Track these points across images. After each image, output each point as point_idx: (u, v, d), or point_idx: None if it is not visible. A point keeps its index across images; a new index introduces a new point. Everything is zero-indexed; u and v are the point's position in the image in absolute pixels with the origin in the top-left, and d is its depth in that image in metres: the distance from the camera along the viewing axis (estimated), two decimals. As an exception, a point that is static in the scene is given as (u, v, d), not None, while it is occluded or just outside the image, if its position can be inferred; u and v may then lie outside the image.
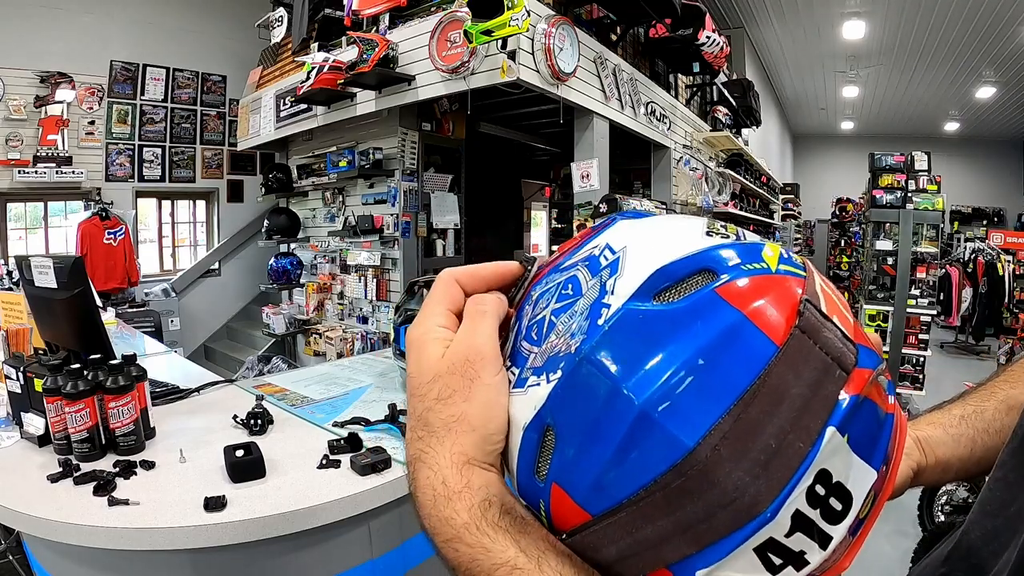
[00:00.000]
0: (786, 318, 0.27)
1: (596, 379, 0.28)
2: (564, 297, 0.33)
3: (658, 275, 0.29)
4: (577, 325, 0.30)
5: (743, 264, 0.29)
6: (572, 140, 4.18)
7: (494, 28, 3.10)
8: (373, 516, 1.15)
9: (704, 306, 0.27)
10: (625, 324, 0.28)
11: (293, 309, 5.65)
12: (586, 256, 0.34)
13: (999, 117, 10.87)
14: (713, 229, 0.32)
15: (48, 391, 1.17)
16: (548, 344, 0.31)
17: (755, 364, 0.26)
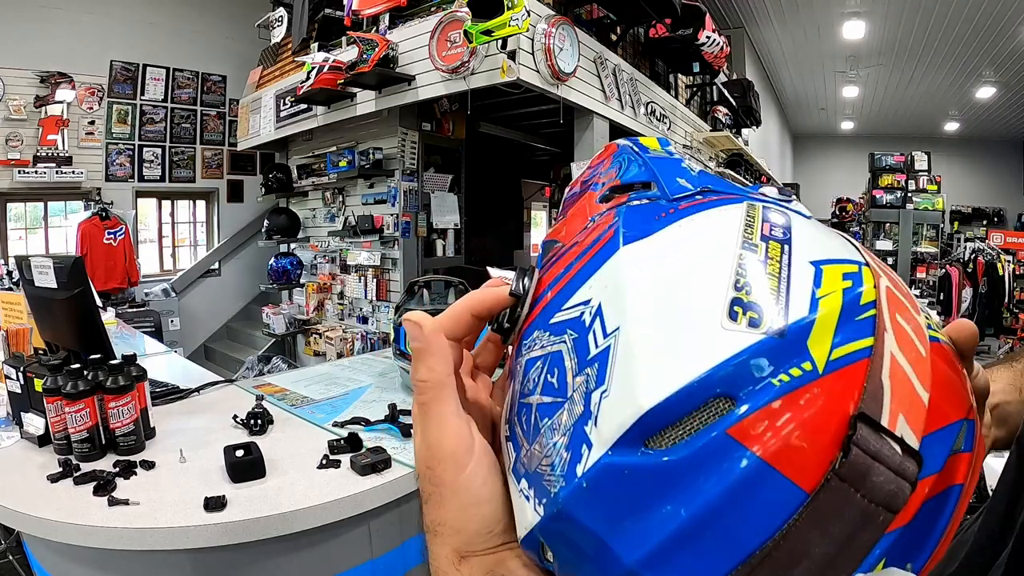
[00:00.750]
0: (825, 450, 0.20)
1: (578, 533, 0.23)
2: (549, 389, 0.26)
3: (647, 420, 0.21)
4: (557, 453, 0.24)
5: (775, 375, 0.21)
6: (572, 140, 4.18)
7: (494, 28, 3.10)
8: (373, 516, 1.15)
9: (711, 456, 0.20)
10: (606, 480, 0.22)
11: (293, 309, 5.65)
12: (574, 319, 0.26)
13: (999, 117, 10.87)
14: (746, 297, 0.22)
15: (48, 391, 1.17)
16: (534, 451, 0.26)
17: (772, 520, 0.20)
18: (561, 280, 0.29)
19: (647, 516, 0.21)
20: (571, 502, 0.23)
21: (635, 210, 0.29)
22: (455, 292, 1.69)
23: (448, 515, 0.30)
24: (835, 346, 0.21)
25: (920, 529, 0.22)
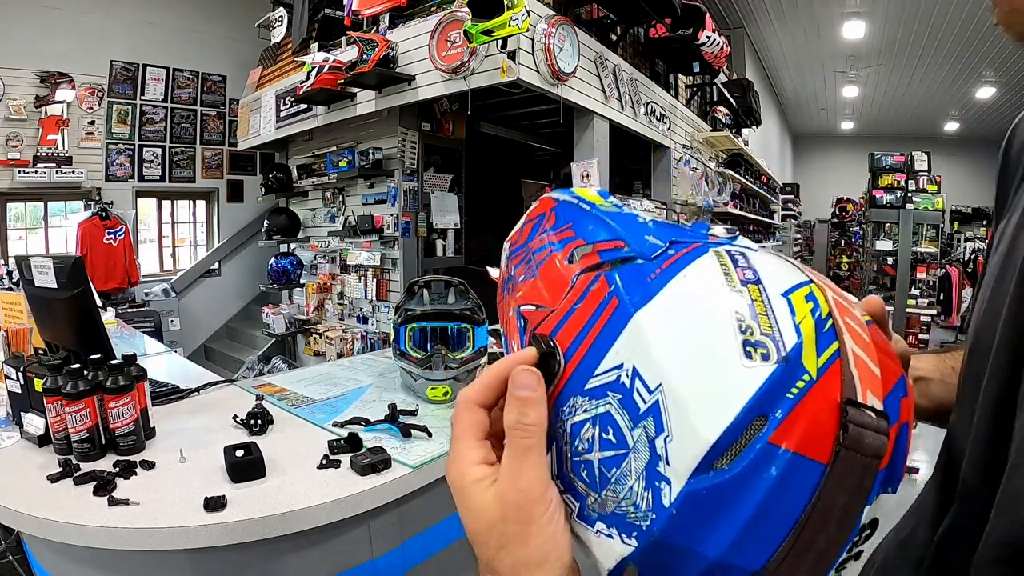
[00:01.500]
0: (831, 432, 0.29)
1: (673, 553, 0.30)
2: (607, 444, 0.32)
3: (714, 449, 0.28)
4: (637, 495, 0.31)
5: (790, 390, 0.29)
6: (572, 140, 4.18)
7: (494, 28, 3.10)
8: (373, 516, 1.15)
9: (761, 461, 0.28)
10: (691, 503, 0.29)
11: (293, 309, 5.65)
12: (612, 382, 0.32)
13: (999, 117, 10.87)
14: (752, 337, 0.29)
15: (48, 391, 1.17)
16: (607, 497, 0.32)
17: (807, 489, 0.28)
18: (579, 350, 0.34)
19: (724, 518, 0.28)
20: (666, 530, 0.29)
21: (626, 276, 0.34)
22: (455, 292, 1.69)
23: (533, 552, 0.33)
24: (819, 356, 0.29)
25: (893, 464, 0.31)
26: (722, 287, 0.31)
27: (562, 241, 0.42)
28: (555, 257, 0.41)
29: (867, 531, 0.32)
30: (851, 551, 0.32)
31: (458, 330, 1.63)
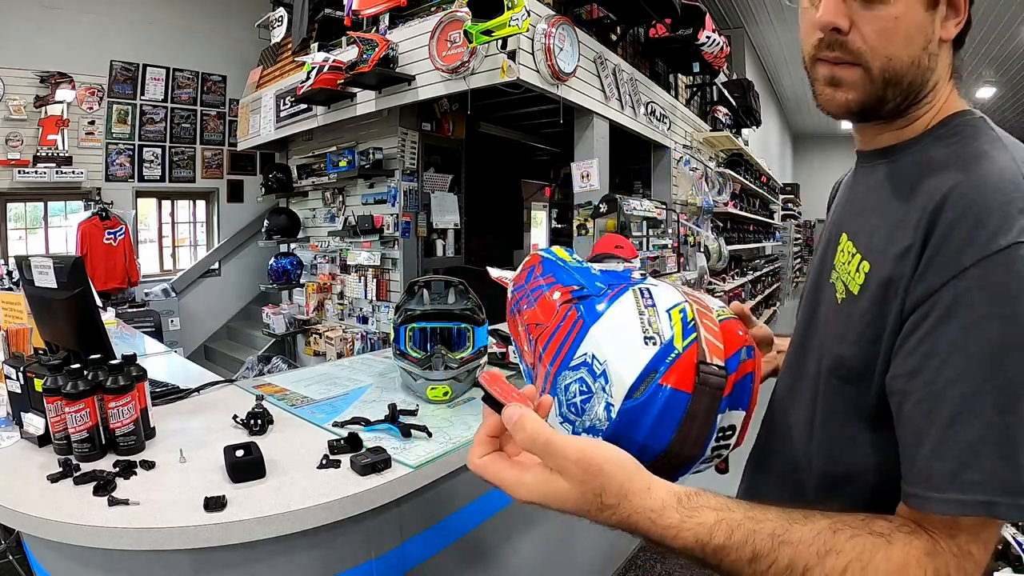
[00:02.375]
0: (692, 377, 0.63)
1: (619, 441, 0.59)
2: (583, 392, 0.66)
3: (632, 387, 0.63)
4: (600, 415, 0.65)
5: (667, 357, 0.64)
6: (572, 140, 4.18)
7: (494, 28, 3.10)
8: (373, 516, 1.15)
9: (655, 392, 0.63)
10: (625, 415, 0.63)
11: (293, 309, 5.65)
12: (582, 363, 0.67)
13: (999, 117, 10.87)
14: (648, 334, 0.66)
15: (48, 391, 1.17)
16: (585, 418, 0.66)
17: (682, 405, 0.63)
18: (565, 347, 0.70)
19: (642, 422, 0.63)
20: (615, 430, 0.63)
21: (585, 307, 0.72)
22: (455, 292, 1.69)
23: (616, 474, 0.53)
24: (683, 340, 0.65)
25: (737, 395, 0.66)
26: (633, 310, 0.69)
27: (548, 284, 0.84)
28: (546, 294, 0.82)
29: (727, 432, 0.67)
30: (719, 443, 0.67)
31: (458, 330, 1.63)
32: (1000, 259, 0.51)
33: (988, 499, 0.50)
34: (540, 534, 1.71)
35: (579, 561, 1.97)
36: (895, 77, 0.63)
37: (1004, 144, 0.60)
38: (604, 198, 3.92)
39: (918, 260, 0.56)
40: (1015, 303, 0.51)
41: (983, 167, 0.57)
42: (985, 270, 0.52)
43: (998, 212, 0.53)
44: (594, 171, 3.88)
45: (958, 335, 0.52)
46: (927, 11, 0.61)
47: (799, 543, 0.52)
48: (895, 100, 0.64)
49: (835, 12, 0.62)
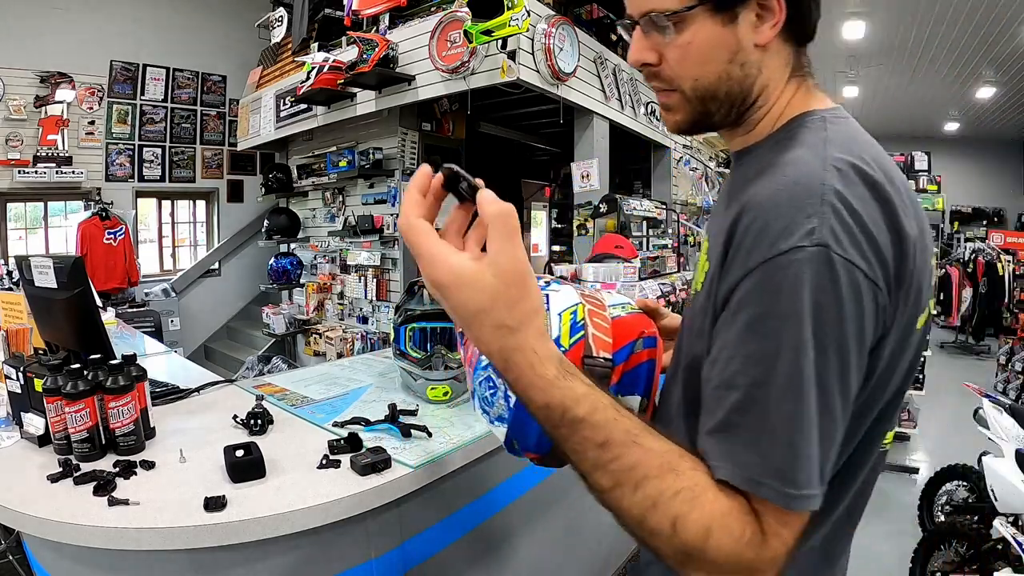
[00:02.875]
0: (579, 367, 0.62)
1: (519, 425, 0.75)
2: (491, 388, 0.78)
3: None
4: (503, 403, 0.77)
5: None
6: (572, 140, 4.18)
7: (494, 28, 3.10)
8: (373, 516, 1.15)
9: None
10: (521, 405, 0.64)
11: (293, 309, 5.65)
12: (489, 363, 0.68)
13: (999, 117, 10.86)
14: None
15: (48, 391, 1.17)
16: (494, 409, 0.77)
17: None
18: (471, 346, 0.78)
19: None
20: (516, 415, 0.73)
21: None
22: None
23: (533, 301, 0.58)
24: (570, 339, 0.75)
25: (627, 383, 0.77)
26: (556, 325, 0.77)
27: None
28: None
29: None
30: None
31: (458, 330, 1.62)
32: (780, 262, 0.54)
33: (757, 478, 0.54)
34: (541, 534, 1.71)
35: (580, 561, 1.97)
36: (708, 93, 0.67)
37: (823, 143, 0.61)
38: (604, 198, 3.92)
39: (722, 263, 0.60)
40: (788, 303, 0.53)
41: (785, 173, 0.59)
42: (765, 271, 0.55)
43: (784, 217, 0.55)
44: (594, 171, 3.88)
45: (740, 330, 0.56)
46: (724, 27, 0.63)
47: (648, 450, 0.55)
48: (720, 112, 0.68)
49: (639, 50, 0.68)
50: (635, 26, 0.68)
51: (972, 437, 2.81)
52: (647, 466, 0.55)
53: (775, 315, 0.54)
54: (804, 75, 0.69)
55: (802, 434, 0.53)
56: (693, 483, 0.55)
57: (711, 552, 0.53)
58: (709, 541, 0.53)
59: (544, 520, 1.71)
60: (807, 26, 0.67)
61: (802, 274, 0.53)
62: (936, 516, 3.05)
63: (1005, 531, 2.18)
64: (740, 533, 0.54)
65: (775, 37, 0.65)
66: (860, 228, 0.55)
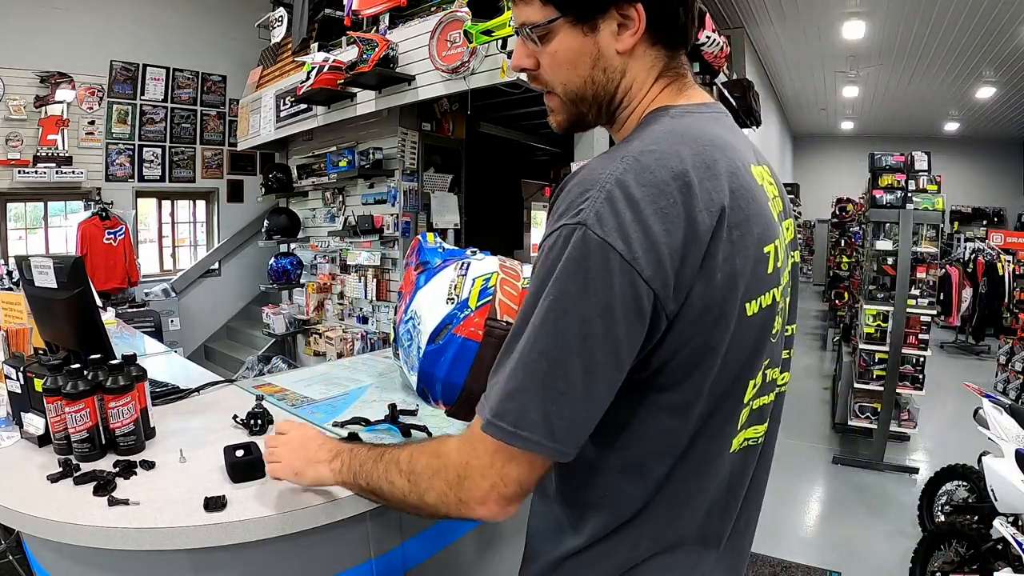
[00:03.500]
0: (482, 329, 0.92)
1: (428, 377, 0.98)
2: (408, 336, 1.03)
3: (432, 335, 0.96)
4: (415, 354, 1.00)
5: (459, 313, 0.94)
6: (572, 140, 4.17)
7: (494, 28, 3.10)
8: (373, 516, 1.15)
9: (450, 340, 0.94)
10: (429, 355, 0.96)
11: (293, 309, 5.65)
12: (410, 317, 1.02)
13: (999, 117, 10.87)
14: (450, 296, 0.97)
15: (48, 391, 1.17)
16: (407, 357, 1.06)
17: (473, 351, 0.92)
18: (402, 305, 1.13)
19: (442, 361, 0.96)
20: (423, 367, 0.98)
21: (426, 275, 1.09)
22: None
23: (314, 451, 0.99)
24: (478, 302, 0.97)
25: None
26: (451, 275, 1.02)
27: (413, 260, 1.23)
28: (410, 268, 1.21)
29: None
30: None
31: (458, 330, 1.63)
32: (551, 237, 0.63)
33: (482, 402, 0.67)
34: (540, 534, 1.71)
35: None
36: (577, 95, 0.74)
37: (648, 134, 0.67)
38: (604, 198, 3.92)
39: None
40: (543, 268, 0.63)
41: (593, 161, 0.66)
42: (546, 243, 0.64)
43: (569, 198, 0.63)
44: (594, 171, 3.88)
45: (527, 292, 0.66)
46: (586, 36, 0.70)
47: (389, 451, 0.82)
48: (592, 111, 0.76)
49: (518, 57, 0.77)
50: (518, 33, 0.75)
51: (972, 437, 2.81)
52: (395, 457, 0.80)
53: (536, 277, 0.64)
54: (676, 75, 0.75)
55: (516, 375, 0.63)
56: (418, 446, 0.77)
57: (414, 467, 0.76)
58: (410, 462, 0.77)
59: (544, 520, 1.71)
60: (674, 31, 0.72)
61: (558, 246, 0.61)
62: (936, 516, 3.05)
63: (1005, 531, 2.18)
64: (432, 448, 0.75)
65: (640, 43, 0.71)
66: (632, 214, 0.59)
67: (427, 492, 0.71)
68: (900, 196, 4.11)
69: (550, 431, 0.62)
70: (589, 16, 0.69)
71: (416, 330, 0.97)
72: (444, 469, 0.70)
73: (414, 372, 0.94)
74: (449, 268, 1.02)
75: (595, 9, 0.68)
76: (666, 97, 0.74)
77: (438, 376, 0.91)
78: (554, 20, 0.70)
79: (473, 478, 0.66)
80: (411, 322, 0.97)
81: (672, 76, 0.74)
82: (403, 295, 1.13)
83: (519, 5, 0.74)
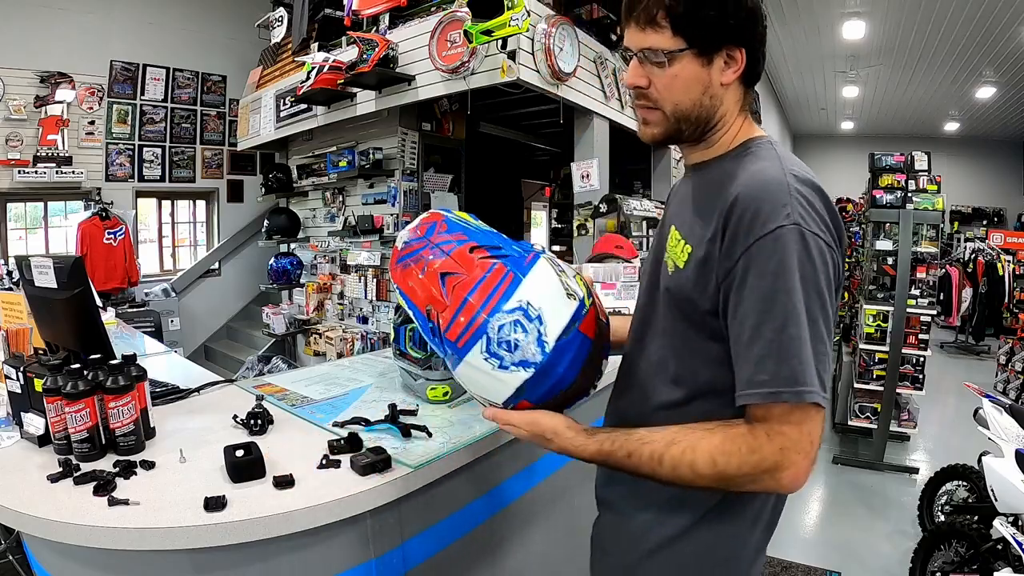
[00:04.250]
0: (594, 328, 0.94)
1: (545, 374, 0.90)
2: (520, 329, 0.88)
3: (564, 329, 0.90)
4: (532, 350, 0.88)
5: (582, 311, 0.92)
6: (572, 140, 4.18)
7: (494, 28, 3.10)
8: (373, 516, 1.15)
9: (575, 336, 0.91)
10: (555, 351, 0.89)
11: (293, 309, 5.65)
12: (517, 307, 0.89)
13: (999, 117, 10.86)
14: (569, 291, 0.92)
15: (48, 391, 1.17)
16: (517, 353, 0.88)
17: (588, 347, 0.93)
18: (496, 294, 0.90)
19: (565, 357, 0.90)
20: (545, 362, 0.89)
21: (511, 263, 0.93)
22: (455, 292, 1.69)
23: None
24: (588, 299, 0.95)
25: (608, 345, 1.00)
26: (552, 271, 0.94)
27: (460, 240, 0.99)
28: (459, 249, 0.97)
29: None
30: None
31: (458, 330, 1.62)
32: (771, 236, 0.77)
33: (773, 390, 0.75)
34: (541, 534, 1.71)
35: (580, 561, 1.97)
36: (683, 116, 0.89)
37: (778, 159, 0.85)
38: (604, 198, 3.92)
39: (722, 242, 0.81)
40: (781, 263, 0.76)
41: (761, 175, 0.82)
42: (760, 245, 0.77)
43: (768, 205, 0.78)
44: (594, 171, 3.88)
45: (747, 289, 0.78)
46: (703, 67, 0.86)
47: (654, 441, 0.84)
48: (689, 130, 0.91)
49: (634, 76, 0.89)
50: (632, 56, 0.88)
51: (972, 437, 2.81)
52: (658, 449, 0.83)
53: (771, 273, 0.76)
54: (748, 109, 0.95)
55: (802, 351, 0.75)
56: (689, 441, 0.81)
57: (727, 470, 0.78)
58: (718, 465, 0.78)
59: (544, 520, 1.71)
60: (756, 73, 0.91)
61: (787, 244, 0.76)
62: (936, 516, 3.05)
63: (1005, 531, 2.18)
64: (737, 447, 0.77)
65: (735, 80, 0.88)
66: (814, 211, 0.79)
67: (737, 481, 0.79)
68: (900, 196, 4.11)
69: (824, 387, 0.76)
70: (710, 51, 0.85)
71: (534, 323, 0.88)
72: (761, 461, 0.76)
73: (524, 368, 0.87)
74: (543, 261, 0.95)
75: (715, 47, 0.85)
76: (747, 128, 0.94)
77: (559, 371, 0.89)
78: (682, 51, 0.84)
79: (792, 460, 0.76)
80: (521, 313, 0.88)
81: (748, 110, 0.94)
82: (455, 283, 0.94)
83: (647, 31, 0.85)
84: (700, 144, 0.94)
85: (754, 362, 0.77)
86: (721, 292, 0.82)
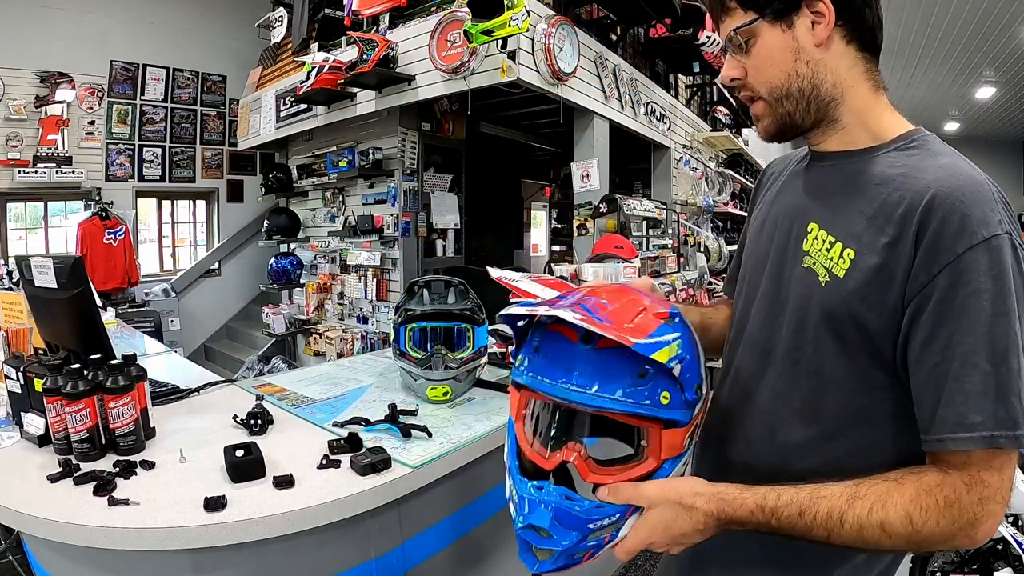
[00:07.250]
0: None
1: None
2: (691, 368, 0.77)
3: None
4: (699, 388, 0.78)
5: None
6: (572, 140, 4.17)
7: (494, 28, 3.10)
8: (373, 516, 1.15)
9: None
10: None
11: (293, 309, 5.65)
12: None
13: (999, 117, 10.86)
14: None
15: (48, 391, 1.17)
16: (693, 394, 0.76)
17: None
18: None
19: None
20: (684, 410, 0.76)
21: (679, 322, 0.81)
22: (455, 292, 1.69)
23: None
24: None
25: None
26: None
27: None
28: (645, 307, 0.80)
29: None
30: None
31: (458, 330, 1.63)
32: (984, 247, 0.65)
33: (989, 434, 0.63)
34: (540, 534, 1.71)
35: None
36: (782, 92, 0.78)
37: (959, 157, 0.73)
38: (604, 198, 3.92)
39: (913, 250, 0.68)
40: (998, 280, 0.64)
41: (959, 174, 0.69)
42: (974, 255, 0.65)
43: (978, 210, 0.66)
44: (594, 171, 3.88)
45: (957, 308, 0.65)
46: (784, 32, 0.76)
47: (831, 496, 0.67)
48: (799, 111, 0.79)
49: (729, 69, 0.82)
50: (726, 51, 0.81)
51: (972, 437, 2.80)
52: (838, 506, 0.66)
53: (990, 290, 0.64)
54: (880, 85, 0.79)
55: (1021, 387, 0.63)
56: (877, 495, 0.66)
57: (923, 528, 0.64)
58: (914, 523, 0.64)
59: (544, 520, 1.71)
60: (863, 28, 0.76)
61: (1004, 257, 0.65)
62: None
63: (1005, 531, 2.18)
64: (934, 501, 0.64)
65: (835, 39, 0.75)
66: (1018, 220, 0.69)
67: (930, 541, 0.66)
68: (900, 196, 4.10)
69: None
70: (784, 13, 0.75)
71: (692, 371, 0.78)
72: (960, 515, 0.65)
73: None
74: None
75: (788, 6, 0.75)
76: (898, 116, 0.80)
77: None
78: (754, 21, 0.76)
79: (991, 511, 0.65)
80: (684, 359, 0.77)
81: (877, 82, 0.79)
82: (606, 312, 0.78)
83: (724, 19, 0.80)
84: (828, 128, 0.80)
85: (965, 399, 0.64)
86: (908, 310, 0.68)
